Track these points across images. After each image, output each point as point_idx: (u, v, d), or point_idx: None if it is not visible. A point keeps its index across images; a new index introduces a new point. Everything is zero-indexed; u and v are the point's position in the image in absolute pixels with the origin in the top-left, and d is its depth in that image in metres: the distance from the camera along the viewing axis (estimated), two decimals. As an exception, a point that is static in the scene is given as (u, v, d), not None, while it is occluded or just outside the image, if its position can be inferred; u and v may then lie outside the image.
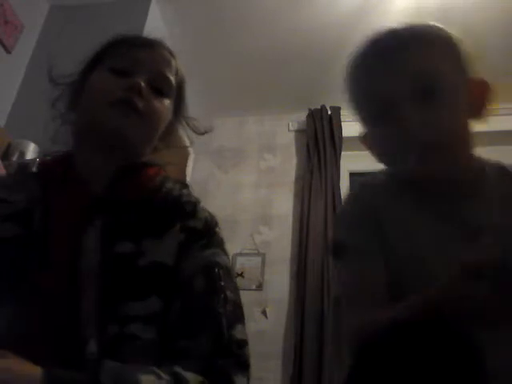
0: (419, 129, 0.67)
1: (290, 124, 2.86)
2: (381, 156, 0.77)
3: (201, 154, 2.81)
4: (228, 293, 0.66)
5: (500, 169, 0.77)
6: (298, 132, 2.83)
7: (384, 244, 0.72)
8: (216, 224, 0.74)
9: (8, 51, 2.02)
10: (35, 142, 1.74)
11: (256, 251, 2.48)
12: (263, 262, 2.45)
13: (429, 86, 0.68)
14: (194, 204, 0.74)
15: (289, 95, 2.73)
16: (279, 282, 2.39)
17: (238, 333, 0.64)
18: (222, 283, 0.66)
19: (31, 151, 1.72)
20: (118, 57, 0.76)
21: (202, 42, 2.48)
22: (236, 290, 0.69)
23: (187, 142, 0.92)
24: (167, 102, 0.78)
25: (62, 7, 2.31)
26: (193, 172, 2.78)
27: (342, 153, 2.59)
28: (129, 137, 0.71)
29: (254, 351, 0.65)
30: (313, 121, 2.69)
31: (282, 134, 2.86)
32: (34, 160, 1.59)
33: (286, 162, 2.77)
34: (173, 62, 0.80)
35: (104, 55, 0.78)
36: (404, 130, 0.67)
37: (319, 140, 2.62)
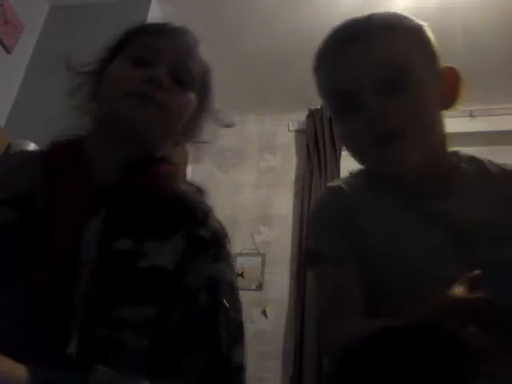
0: (381, 118, 0.66)
1: (290, 124, 2.86)
2: (350, 150, 0.75)
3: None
4: (231, 313, 0.64)
5: (478, 165, 0.76)
6: (298, 132, 2.83)
7: (363, 245, 0.70)
8: (225, 235, 0.71)
9: (8, 51, 2.02)
10: (35, 142, 1.74)
11: (256, 251, 2.48)
12: (263, 262, 2.45)
13: (392, 75, 0.67)
14: (206, 212, 0.70)
15: (289, 95, 2.73)
16: (279, 282, 2.39)
17: (236, 356, 0.61)
18: (226, 303, 0.63)
19: (31, 151, 1.72)
20: (138, 46, 0.73)
21: (202, 41, 2.48)
22: (238, 308, 0.66)
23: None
24: (190, 93, 0.74)
25: (62, 7, 2.31)
26: (193, 172, 2.78)
27: (342, 153, 2.59)
28: (145, 129, 0.68)
29: (254, 351, 0.65)
30: (313, 121, 2.69)
31: (282, 133, 2.86)
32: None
33: (286, 162, 2.77)
34: (196, 52, 0.77)
35: (125, 44, 0.75)
36: (366, 120, 0.66)
37: (319, 140, 2.62)
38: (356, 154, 0.75)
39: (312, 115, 2.70)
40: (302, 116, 2.76)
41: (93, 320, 0.56)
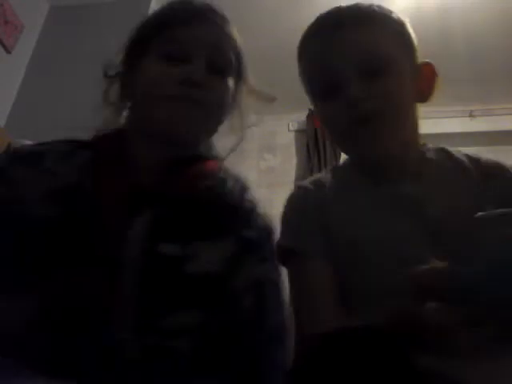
0: (361, 101, 0.68)
1: (290, 124, 2.86)
2: (331, 133, 0.78)
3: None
4: (275, 314, 0.63)
5: (446, 155, 0.79)
6: (298, 132, 2.83)
7: (331, 238, 0.70)
8: (272, 232, 0.70)
9: (8, 51, 2.02)
10: (35, 142, 1.74)
11: (256, 251, 2.48)
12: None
13: (373, 62, 0.69)
14: (252, 210, 0.69)
15: (289, 95, 2.72)
16: (279, 282, 2.38)
17: (278, 355, 0.61)
18: (271, 304, 0.63)
19: (31, 151, 1.72)
20: (169, 39, 0.68)
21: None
22: (283, 307, 0.66)
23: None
24: (228, 79, 0.71)
25: (61, 7, 2.31)
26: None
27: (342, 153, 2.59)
28: (186, 132, 0.66)
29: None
30: (313, 121, 2.69)
31: (282, 133, 2.86)
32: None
33: (286, 162, 2.77)
34: (227, 30, 0.73)
35: (154, 37, 0.70)
36: (347, 102, 0.69)
37: (319, 140, 2.62)
38: (336, 136, 0.77)
39: (312, 115, 2.70)
40: (302, 116, 2.76)
41: (144, 327, 0.54)
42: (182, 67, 0.65)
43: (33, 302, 0.52)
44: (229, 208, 0.66)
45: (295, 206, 0.79)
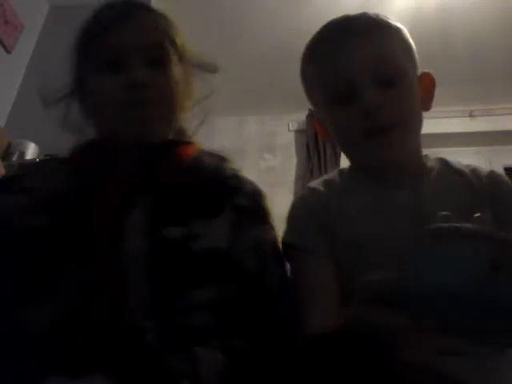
0: (376, 111, 0.69)
1: (290, 124, 2.86)
2: (341, 142, 0.79)
3: (201, 154, 2.82)
4: (276, 269, 0.66)
5: (445, 164, 0.80)
6: (298, 132, 2.83)
7: (335, 239, 0.72)
8: (261, 196, 0.72)
9: (8, 51, 2.02)
10: (35, 142, 1.74)
11: (256, 251, 2.49)
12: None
13: (387, 71, 0.70)
14: (237, 177, 0.71)
15: (289, 95, 2.72)
16: (279, 282, 2.39)
17: (285, 310, 0.63)
18: (271, 261, 0.66)
19: (31, 151, 1.72)
20: (104, 48, 0.70)
21: (202, 41, 2.48)
22: (283, 263, 0.69)
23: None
24: (171, 68, 0.72)
25: (61, 7, 2.31)
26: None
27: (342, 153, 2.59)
28: (151, 133, 0.68)
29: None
30: (313, 121, 2.69)
31: (282, 133, 2.86)
32: (33, 160, 1.59)
33: (286, 162, 2.77)
34: (157, 22, 0.74)
35: (91, 48, 0.73)
36: (362, 111, 0.69)
37: (319, 140, 2.62)
38: (347, 145, 0.79)
39: (312, 115, 2.69)
40: (302, 116, 2.76)
41: (162, 310, 0.55)
42: (122, 74, 0.67)
43: (50, 307, 0.54)
44: (215, 181, 0.68)
45: (303, 205, 0.80)
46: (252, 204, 0.69)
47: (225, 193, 0.67)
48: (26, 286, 0.56)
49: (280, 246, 0.72)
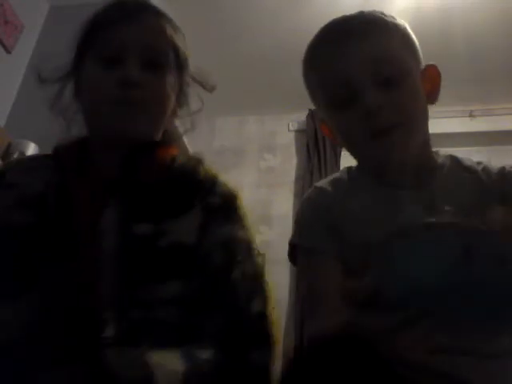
0: (379, 112, 0.68)
1: (290, 124, 2.86)
2: (346, 142, 0.79)
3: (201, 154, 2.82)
4: (247, 266, 0.65)
5: (455, 161, 0.80)
6: (298, 132, 2.83)
7: (342, 239, 0.71)
8: (236, 198, 0.72)
9: (8, 51, 2.02)
10: (35, 142, 1.74)
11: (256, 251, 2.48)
12: (263, 262, 2.44)
13: (388, 71, 0.70)
14: (212, 180, 0.71)
15: (289, 95, 2.72)
16: (279, 282, 2.38)
17: (256, 305, 0.62)
18: (240, 257, 0.65)
19: (31, 151, 1.72)
20: (105, 42, 0.71)
21: (202, 41, 2.48)
22: (256, 264, 0.68)
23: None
24: (167, 73, 0.73)
25: (61, 7, 2.30)
26: (193, 172, 2.78)
27: (342, 153, 2.59)
28: (136, 133, 0.69)
29: (254, 351, 0.64)
30: (313, 121, 2.68)
31: (282, 133, 2.86)
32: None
33: (286, 162, 2.77)
34: (162, 26, 0.74)
35: (91, 39, 0.73)
36: (364, 112, 0.69)
37: (319, 140, 2.62)
38: (351, 147, 0.78)
39: (312, 115, 2.70)
40: (302, 116, 2.76)
41: (125, 303, 0.56)
42: (116, 70, 0.68)
43: (26, 304, 0.55)
44: (189, 181, 0.69)
45: (310, 205, 0.80)
46: (224, 203, 0.69)
47: (196, 192, 0.68)
48: (3, 281, 0.58)
49: (253, 246, 0.71)
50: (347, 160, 0.84)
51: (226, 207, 0.69)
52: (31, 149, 1.73)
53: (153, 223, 0.62)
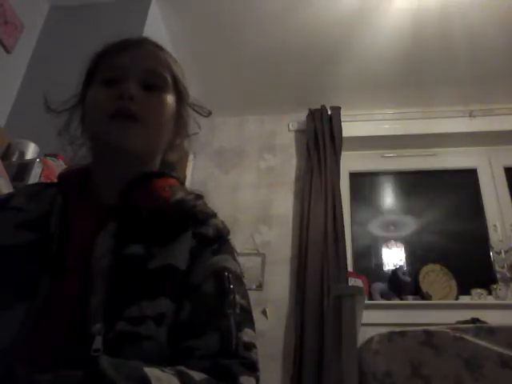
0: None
1: (290, 124, 2.87)
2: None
3: (201, 154, 2.82)
4: (237, 296, 0.66)
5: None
6: (298, 132, 2.83)
7: None
8: (228, 233, 0.75)
9: (8, 51, 2.02)
10: (35, 142, 1.74)
11: (256, 251, 2.48)
12: (263, 262, 2.45)
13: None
14: (207, 214, 0.74)
15: (289, 95, 2.73)
16: (279, 282, 2.39)
17: (245, 336, 0.63)
18: (232, 286, 0.66)
19: (31, 151, 1.72)
20: (105, 68, 0.76)
21: (202, 41, 2.48)
22: (245, 295, 0.69)
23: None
24: (165, 94, 0.77)
25: (61, 7, 2.31)
26: (192, 172, 2.78)
27: (342, 153, 2.59)
28: (131, 147, 0.71)
29: (254, 351, 0.65)
30: (313, 121, 2.69)
31: (282, 133, 2.86)
32: (33, 160, 1.59)
33: (285, 162, 2.77)
34: (161, 55, 0.79)
35: (95, 69, 0.78)
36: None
37: (319, 140, 2.62)
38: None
39: (312, 115, 2.70)
40: (302, 116, 2.76)
41: (112, 317, 0.58)
42: (115, 88, 0.72)
43: (16, 313, 0.59)
44: (185, 214, 0.71)
45: None
46: (216, 235, 0.72)
47: (190, 223, 0.70)
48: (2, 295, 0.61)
49: (243, 278, 0.73)
50: (347, 160, 0.84)
51: (218, 238, 0.72)
52: (31, 149, 1.73)
53: (144, 246, 0.65)
